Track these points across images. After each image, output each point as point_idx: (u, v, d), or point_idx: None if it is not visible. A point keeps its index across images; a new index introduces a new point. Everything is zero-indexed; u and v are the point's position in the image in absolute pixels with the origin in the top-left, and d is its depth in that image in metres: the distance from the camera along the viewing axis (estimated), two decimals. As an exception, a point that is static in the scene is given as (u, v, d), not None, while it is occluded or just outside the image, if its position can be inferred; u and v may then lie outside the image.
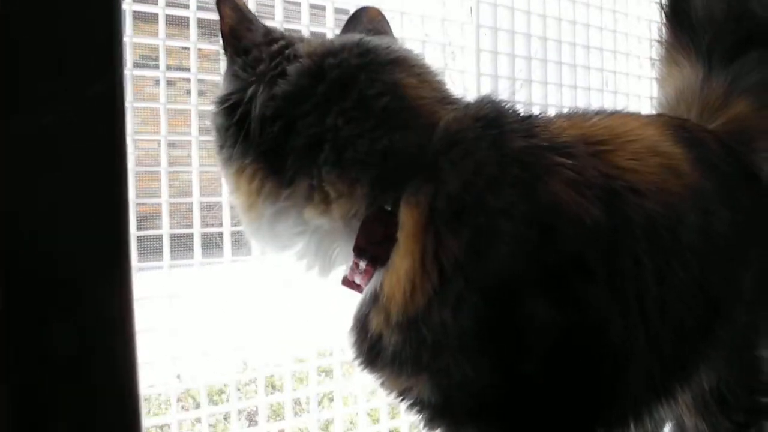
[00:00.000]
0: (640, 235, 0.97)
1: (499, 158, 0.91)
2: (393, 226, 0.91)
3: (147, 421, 1.46)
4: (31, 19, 0.64)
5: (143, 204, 1.37)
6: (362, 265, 0.94)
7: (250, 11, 1.05)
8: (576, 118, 1.11)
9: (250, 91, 0.98)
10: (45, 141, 0.65)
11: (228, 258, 1.45)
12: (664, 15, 1.53)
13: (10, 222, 0.64)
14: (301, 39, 1.05)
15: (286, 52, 1.00)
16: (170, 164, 1.39)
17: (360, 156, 0.93)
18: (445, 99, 1.01)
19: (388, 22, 1.18)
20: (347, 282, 0.98)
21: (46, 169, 0.66)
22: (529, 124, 0.98)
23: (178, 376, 1.52)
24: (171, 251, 1.38)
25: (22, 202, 0.64)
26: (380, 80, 0.96)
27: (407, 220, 0.90)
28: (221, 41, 1.04)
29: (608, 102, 2.10)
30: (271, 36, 1.03)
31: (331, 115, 0.94)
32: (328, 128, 0.94)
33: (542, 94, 1.96)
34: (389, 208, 0.92)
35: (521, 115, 1.01)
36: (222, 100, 1.01)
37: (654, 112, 1.55)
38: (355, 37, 1.04)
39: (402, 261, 0.90)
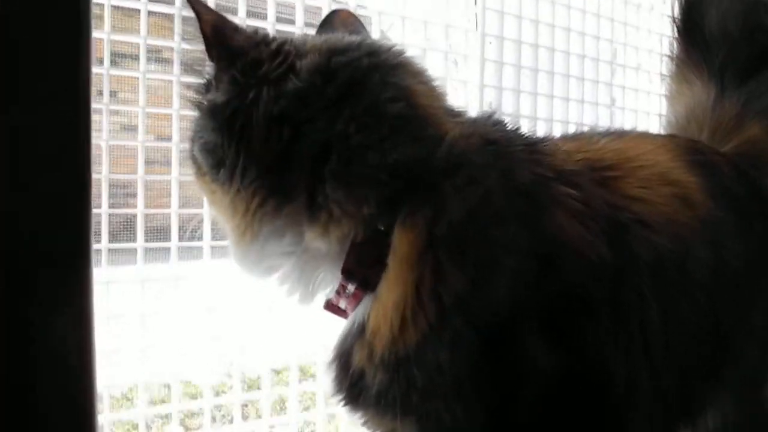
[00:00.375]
0: (647, 272, 0.90)
1: (506, 190, 0.85)
2: (385, 249, 0.84)
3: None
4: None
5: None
6: (351, 288, 0.87)
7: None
8: (584, 139, 1.05)
9: (251, 94, 0.88)
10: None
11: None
12: (675, 29, 1.46)
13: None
14: (292, 36, 0.97)
15: (287, 48, 0.91)
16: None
17: (370, 170, 0.84)
18: (451, 110, 0.94)
19: (362, 24, 1.10)
20: (331, 306, 0.90)
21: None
22: (537, 151, 0.92)
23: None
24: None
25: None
26: (393, 84, 0.89)
27: (401, 244, 0.83)
28: (203, 45, 0.93)
29: (616, 118, 2.04)
30: (262, 34, 0.94)
31: (341, 119, 0.85)
32: (337, 135, 0.85)
33: (548, 107, 1.89)
34: (382, 228, 0.85)
35: (528, 139, 0.95)
36: (219, 110, 0.90)
37: (663, 130, 1.49)
38: (349, 36, 0.97)
39: (391, 290, 0.83)
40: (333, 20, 1.09)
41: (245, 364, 1.56)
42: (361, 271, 0.86)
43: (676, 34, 1.44)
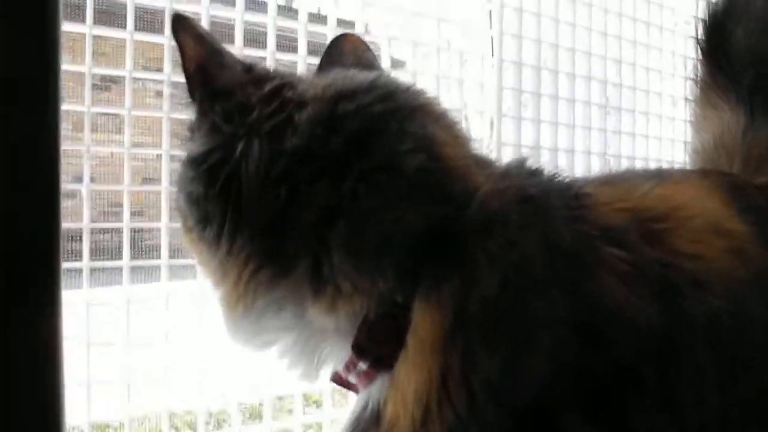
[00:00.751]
0: (703, 339, 0.79)
1: (547, 253, 0.74)
2: (403, 324, 0.74)
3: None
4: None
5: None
6: (362, 366, 0.76)
7: (215, 39, 0.85)
8: (624, 185, 0.92)
9: (239, 147, 0.77)
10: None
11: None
12: (700, 51, 1.33)
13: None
14: (294, 76, 0.87)
15: (285, 95, 0.80)
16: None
17: (385, 237, 0.73)
18: (480, 160, 0.83)
19: (373, 53, 1.00)
20: (339, 379, 0.80)
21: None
22: (578, 205, 0.81)
23: None
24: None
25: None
26: (412, 133, 0.77)
27: (423, 322, 0.72)
28: (185, 82, 0.84)
29: (639, 147, 1.96)
30: (256, 73, 0.83)
31: (349, 178, 0.74)
32: (345, 196, 0.73)
33: (569, 137, 1.81)
34: (399, 300, 0.74)
35: (567, 189, 0.83)
36: (198, 161, 0.79)
37: (689, 159, 1.38)
38: (362, 74, 0.85)
39: (411, 376, 0.72)
40: (341, 46, 0.98)
41: (245, 391, 1.47)
42: (374, 348, 0.75)
43: (701, 56, 1.32)
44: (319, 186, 0.75)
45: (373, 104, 0.78)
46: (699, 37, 1.34)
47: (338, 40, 0.99)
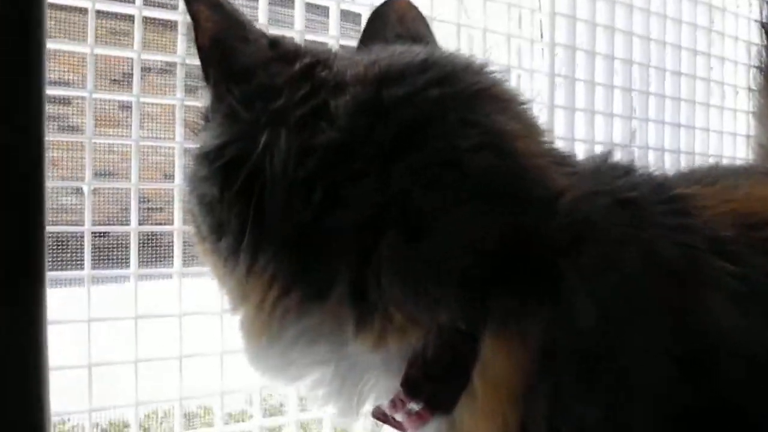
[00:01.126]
0: None
1: (651, 274, 0.59)
2: (468, 357, 0.59)
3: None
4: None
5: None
6: (413, 406, 0.62)
7: (236, 8, 0.69)
8: (718, 183, 0.78)
9: (263, 139, 0.63)
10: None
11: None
12: (765, 35, 1.28)
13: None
14: (329, 52, 0.71)
15: (319, 74, 0.66)
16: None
17: (448, 253, 0.59)
18: (558, 156, 0.68)
19: (424, 20, 0.83)
20: (381, 415, 0.65)
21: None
22: (680, 210, 0.66)
23: None
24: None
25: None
26: (475, 123, 0.63)
27: (497, 358, 0.58)
28: (199, 60, 0.69)
29: (699, 141, 1.78)
30: (283, 49, 0.69)
31: (400, 178, 0.60)
32: (394, 202, 0.60)
33: (625, 129, 1.63)
34: (463, 327, 0.59)
35: (662, 191, 0.68)
36: (212, 155, 0.66)
37: (753, 154, 1.27)
38: (413, 49, 0.70)
39: (479, 424, 0.58)
40: (385, 16, 0.81)
41: (267, 389, 1.31)
42: (429, 386, 0.61)
43: (766, 41, 1.26)
44: (362, 189, 0.61)
45: (427, 88, 0.64)
46: (764, 20, 1.29)
47: (383, 9, 0.82)
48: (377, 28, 0.81)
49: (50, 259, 0.65)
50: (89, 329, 1.04)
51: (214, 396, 1.17)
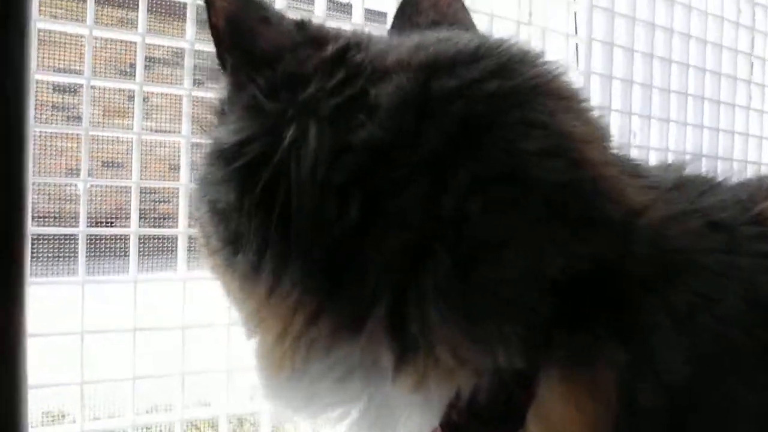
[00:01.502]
0: None
1: (751, 314, 0.50)
2: (521, 399, 0.50)
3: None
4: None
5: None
6: None
7: None
8: None
9: (289, 134, 0.53)
10: None
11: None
12: None
13: None
14: (363, 34, 0.61)
15: (354, 58, 0.56)
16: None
17: (508, 284, 0.49)
18: (628, 165, 0.58)
19: (464, 5, 0.72)
20: None
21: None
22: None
23: None
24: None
25: None
26: (538, 124, 0.53)
27: (558, 404, 0.49)
28: (214, 45, 0.60)
29: (738, 146, 1.67)
30: (312, 31, 0.59)
31: (452, 191, 0.50)
32: (447, 218, 0.50)
33: (662, 132, 1.52)
34: (522, 366, 0.50)
35: (746, 208, 0.57)
36: (229, 154, 0.56)
37: None
38: (463, 36, 0.60)
39: None
40: (417, 2, 0.71)
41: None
42: (474, 427, 0.52)
43: None
44: (408, 201, 0.51)
45: (482, 80, 0.54)
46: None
47: None
48: (409, 15, 0.71)
49: (50, 259, 0.63)
50: (82, 341, 0.94)
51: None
